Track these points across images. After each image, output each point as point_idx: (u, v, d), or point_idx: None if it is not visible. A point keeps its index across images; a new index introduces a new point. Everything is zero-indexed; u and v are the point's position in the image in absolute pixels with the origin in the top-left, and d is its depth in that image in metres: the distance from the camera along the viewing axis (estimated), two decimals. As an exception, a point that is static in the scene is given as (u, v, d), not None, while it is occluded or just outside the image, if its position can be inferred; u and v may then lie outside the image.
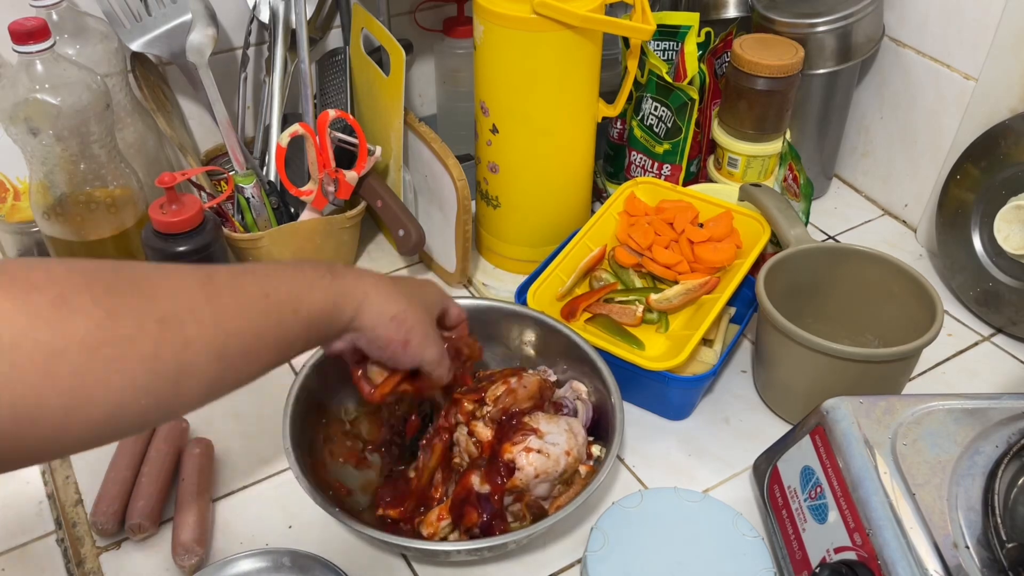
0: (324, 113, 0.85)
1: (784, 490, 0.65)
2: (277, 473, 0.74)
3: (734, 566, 0.63)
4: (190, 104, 0.96)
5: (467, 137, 0.98)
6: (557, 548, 0.68)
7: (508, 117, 0.83)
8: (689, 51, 0.90)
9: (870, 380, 0.71)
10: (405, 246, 0.88)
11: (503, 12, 0.77)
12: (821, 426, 0.63)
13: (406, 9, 1.03)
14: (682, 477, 0.74)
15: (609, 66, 0.87)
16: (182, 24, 0.86)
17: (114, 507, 0.67)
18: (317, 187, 0.88)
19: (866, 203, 1.07)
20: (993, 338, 0.88)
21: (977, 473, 0.58)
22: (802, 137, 1.01)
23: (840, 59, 0.95)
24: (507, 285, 0.90)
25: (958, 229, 0.89)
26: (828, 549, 0.59)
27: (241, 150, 0.88)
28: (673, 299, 0.80)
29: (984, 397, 0.64)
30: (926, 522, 0.55)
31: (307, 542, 0.68)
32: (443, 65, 1.06)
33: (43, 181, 0.78)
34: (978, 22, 0.87)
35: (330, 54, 0.98)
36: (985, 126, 0.87)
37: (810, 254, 0.79)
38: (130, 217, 0.82)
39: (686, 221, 0.86)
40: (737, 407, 0.80)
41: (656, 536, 0.65)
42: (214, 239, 0.80)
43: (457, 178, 0.84)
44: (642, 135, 0.95)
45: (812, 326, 0.72)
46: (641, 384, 0.77)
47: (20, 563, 0.67)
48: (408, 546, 0.64)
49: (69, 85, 0.74)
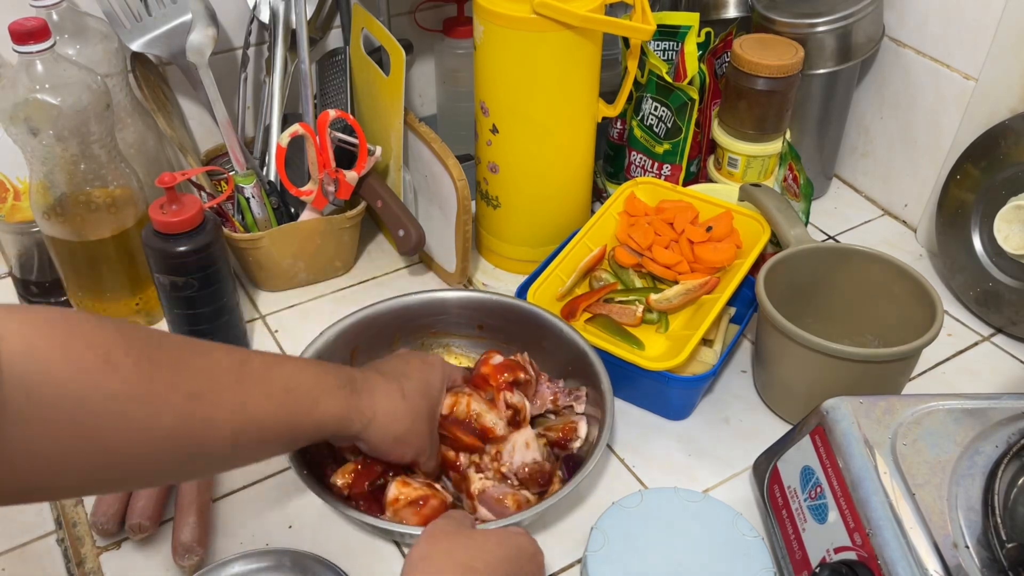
0: (324, 113, 0.86)
1: (784, 490, 0.65)
2: (277, 473, 0.73)
3: (734, 566, 0.63)
4: (190, 104, 0.96)
5: (467, 137, 0.98)
6: (557, 548, 0.68)
7: (508, 117, 0.83)
8: (689, 51, 0.90)
9: (870, 380, 0.71)
10: (405, 246, 0.88)
11: (503, 12, 0.77)
12: (821, 426, 0.63)
13: (406, 9, 1.03)
14: (682, 477, 0.74)
15: (609, 66, 0.87)
16: (182, 24, 0.86)
17: (114, 507, 0.67)
18: (317, 187, 0.88)
19: (866, 203, 1.07)
20: (993, 338, 0.88)
21: (977, 473, 0.58)
22: (802, 137, 1.01)
23: (840, 59, 0.95)
24: (507, 285, 0.90)
25: (958, 229, 0.89)
26: (828, 549, 0.59)
27: (241, 150, 0.88)
28: (673, 299, 0.80)
29: (984, 397, 0.64)
30: (926, 522, 0.55)
31: (307, 542, 0.68)
32: (443, 65, 1.06)
33: (43, 181, 0.78)
34: (978, 22, 0.87)
35: (330, 54, 0.98)
36: (985, 126, 0.87)
37: (810, 254, 0.79)
38: (130, 217, 0.82)
39: (686, 221, 0.86)
40: (737, 407, 0.80)
41: (656, 536, 0.65)
42: (214, 239, 0.80)
43: (457, 178, 0.84)
44: (642, 135, 0.95)
45: (812, 326, 0.72)
46: (641, 384, 0.77)
47: (20, 563, 0.67)
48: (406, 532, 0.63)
49: (69, 85, 0.74)
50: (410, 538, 0.66)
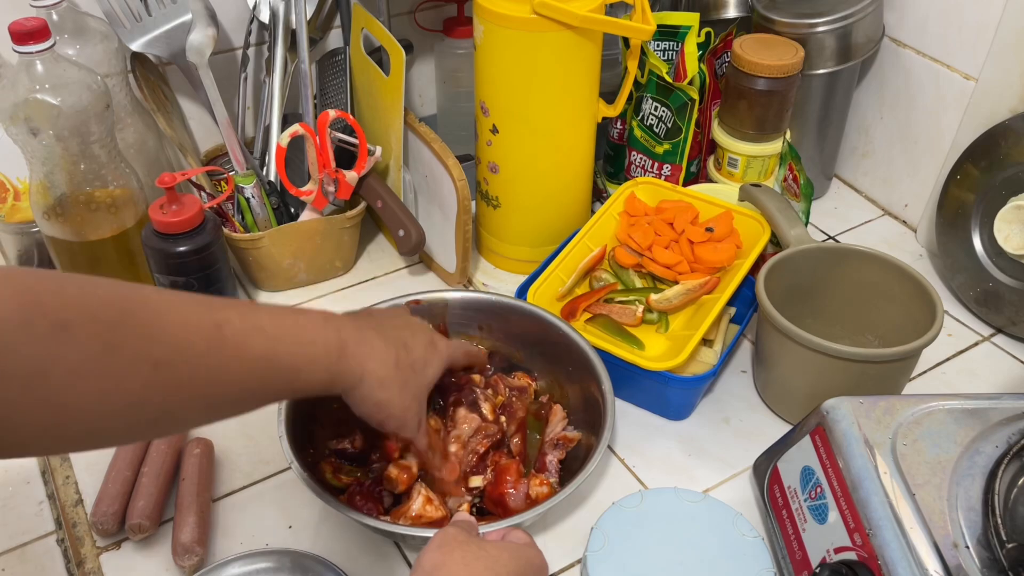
0: (324, 113, 0.86)
1: (784, 490, 0.65)
2: (277, 473, 0.73)
3: (734, 566, 0.63)
4: (190, 104, 0.96)
5: (467, 137, 0.98)
6: (557, 548, 0.68)
7: (508, 117, 0.83)
8: (689, 51, 0.90)
9: (870, 380, 0.71)
10: (405, 246, 0.88)
11: (503, 12, 0.77)
12: (821, 426, 0.63)
13: (406, 9, 1.03)
14: (682, 477, 0.74)
15: (609, 66, 0.87)
16: (182, 24, 0.86)
17: (114, 507, 0.67)
18: (317, 187, 0.88)
19: (866, 203, 1.07)
20: (993, 338, 0.88)
21: (977, 473, 0.58)
22: (802, 137, 1.01)
23: (840, 59, 0.95)
24: (507, 285, 0.90)
25: (958, 229, 0.89)
26: (828, 549, 0.59)
27: (241, 150, 0.88)
28: (673, 299, 0.80)
29: (984, 397, 0.64)
30: (926, 522, 0.55)
31: (307, 542, 0.68)
32: (443, 65, 1.06)
33: (43, 181, 0.78)
34: (978, 22, 0.87)
35: (330, 54, 0.98)
36: (985, 126, 0.87)
37: (810, 254, 0.79)
38: (130, 217, 0.82)
39: (686, 221, 0.86)
40: (737, 407, 0.80)
41: (656, 536, 0.65)
42: (214, 239, 0.80)
43: (457, 178, 0.84)
44: (642, 135, 0.95)
45: (812, 326, 0.72)
46: (641, 384, 0.77)
47: (20, 563, 0.67)
48: (405, 534, 0.63)
49: (69, 85, 0.74)
50: (411, 539, 0.66)
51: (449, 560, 0.50)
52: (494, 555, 0.51)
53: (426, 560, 0.50)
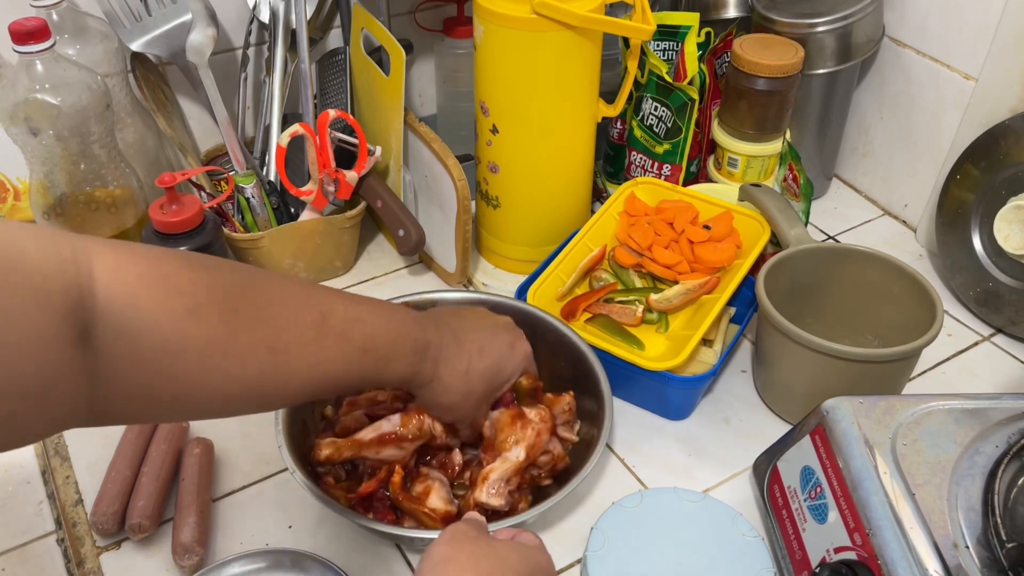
0: (324, 113, 0.86)
1: (784, 490, 0.65)
2: (277, 473, 0.73)
3: (734, 566, 0.63)
4: (190, 104, 0.96)
5: (467, 137, 0.98)
6: (557, 548, 0.68)
7: (508, 117, 0.83)
8: (689, 51, 0.90)
9: (870, 380, 0.71)
10: (405, 246, 0.89)
11: (503, 12, 0.77)
12: (821, 426, 0.63)
13: (406, 9, 1.03)
14: (682, 477, 0.74)
15: (609, 66, 0.87)
16: (182, 24, 0.86)
17: (114, 507, 0.67)
18: (317, 187, 0.88)
19: (866, 203, 1.07)
20: (993, 338, 0.88)
21: (977, 473, 0.58)
22: (802, 137, 1.01)
23: (840, 59, 0.95)
24: (507, 285, 0.90)
25: (958, 229, 0.89)
26: (828, 549, 0.59)
27: (241, 150, 0.88)
28: (673, 299, 0.80)
29: (984, 397, 0.64)
30: (926, 522, 0.55)
31: (307, 542, 0.68)
32: (443, 65, 1.06)
33: (43, 181, 0.78)
34: (978, 22, 0.87)
35: (330, 54, 0.98)
36: (985, 126, 0.87)
37: (810, 254, 0.79)
38: (130, 217, 0.82)
39: (686, 221, 0.86)
40: (737, 407, 0.80)
41: (656, 536, 0.65)
42: (214, 239, 0.80)
43: (457, 178, 0.84)
44: (642, 135, 0.95)
45: (812, 326, 0.72)
46: (641, 384, 0.77)
47: (20, 563, 0.67)
48: (406, 535, 0.63)
49: (69, 85, 0.74)
50: (410, 540, 0.66)
51: (458, 554, 0.50)
52: (503, 554, 0.51)
53: (435, 552, 0.51)
